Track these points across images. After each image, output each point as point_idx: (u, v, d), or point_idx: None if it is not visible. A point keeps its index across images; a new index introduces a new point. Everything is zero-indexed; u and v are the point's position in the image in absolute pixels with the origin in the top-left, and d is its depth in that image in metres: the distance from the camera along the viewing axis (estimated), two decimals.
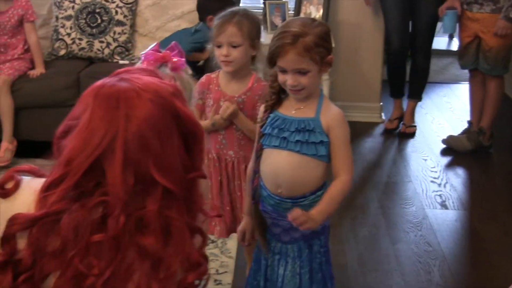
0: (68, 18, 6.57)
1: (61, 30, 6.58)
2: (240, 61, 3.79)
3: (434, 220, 5.36)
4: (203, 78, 3.97)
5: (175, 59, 3.00)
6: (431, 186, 6.00)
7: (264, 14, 6.79)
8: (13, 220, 1.90)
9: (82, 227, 1.83)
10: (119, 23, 6.51)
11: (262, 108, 3.30)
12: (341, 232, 5.14)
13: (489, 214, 5.55)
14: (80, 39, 6.52)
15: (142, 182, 1.85)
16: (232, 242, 4.63)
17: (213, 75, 3.93)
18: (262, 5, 6.95)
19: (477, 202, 5.80)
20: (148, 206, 1.85)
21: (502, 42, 6.27)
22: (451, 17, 6.55)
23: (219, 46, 3.77)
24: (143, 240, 1.85)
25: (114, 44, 6.42)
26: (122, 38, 6.45)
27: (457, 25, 6.68)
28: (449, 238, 5.11)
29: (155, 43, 3.10)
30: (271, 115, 3.19)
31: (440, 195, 5.82)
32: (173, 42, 3.12)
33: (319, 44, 3.01)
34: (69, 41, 6.56)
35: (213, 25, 5.12)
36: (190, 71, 3.25)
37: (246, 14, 3.82)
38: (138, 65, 3.09)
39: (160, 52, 3.05)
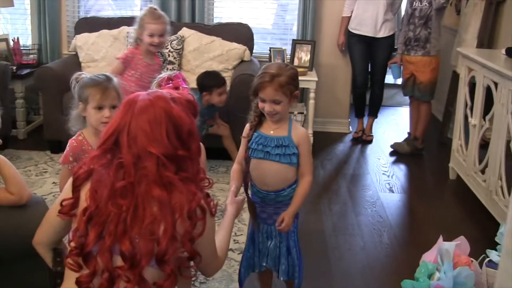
0: None
1: None
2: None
3: (384, 200, 5.42)
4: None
5: (183, 86, 2.94)
6: (382, 177, 6.04)
7: (269, 57, 6.77)
8: (77, 175, 2.11)
9: (105, 179, 2.02)
10: (170, 62, 6.44)
11: (247, 127, 3.20)
12: (320, 208, 5.17)
13: (421, 196, 5.59)
14: None
15: (142, 152, 2.00)
16: (246, 214, 4.45)
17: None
18: (268, 51, 6.91)
19: (413, 188, 5.82)
20: (148, 166, 1.99)
21: (428, 78, 6.39)
22: (394, 69, 6.60)
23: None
24: (152, 190, 1.99)
25: None
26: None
27: (401, 71, 6.71)
28: (394, 213, 5.17)
29: (175, 72, 3.04)
30: (255, 133, 3.14)
31: (388, 183, 5.86)
32: (179, 72, 3.05)
33: (290, 83, 2.99)
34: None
35: (206, 102, 5.50)
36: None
37: None
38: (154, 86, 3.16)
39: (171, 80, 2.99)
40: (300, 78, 3.23)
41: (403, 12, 6.93)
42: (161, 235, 1.96)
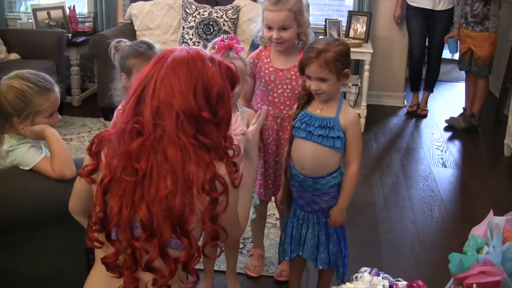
0: (191, 28, 6.56)
1: (186, 36, 6.56)
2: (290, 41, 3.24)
3: (437, 175, 5.40)
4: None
5: (236, 45, 2.92)
6: (436, 151, 6.03)
7: (325, 29, 6.73)
8: (98, 139, 1.96)
9: (118, 147, 1.87)
10: (225, 32, 6.47)
11: (295, 106, 3.05)
12: (372, 180, 5.19)
13: (474, 172, 5.56)
14: (198, 42, 6.46)
15: (164, 104, 1.86)
16: None
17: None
18: (323, 23, 6.82)
19: (467, 163, 5.80)
20: (166, 125, 1.85)
21: (487, 52, 6.31)
22: (451, 43, 6.51)
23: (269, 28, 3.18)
24: (167, 152, 1.84)
25: None
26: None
27: (458, 46, 6.62)
28: (446, 187, 5.16)
29: (231, 35, 2.92)
30: (302, 112, 2.98)
31: (442, 158, 5.85)
32: (233, 35, 2.98)
33: (337, 59, 2.81)
34: (191, 44, 6.40)
35: None
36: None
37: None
38: (208, 50, 2.99)
39: (225, 41, 2.92)
40: (355, 50, 3.04)
41: None
42: (176, 203, 1.84)
